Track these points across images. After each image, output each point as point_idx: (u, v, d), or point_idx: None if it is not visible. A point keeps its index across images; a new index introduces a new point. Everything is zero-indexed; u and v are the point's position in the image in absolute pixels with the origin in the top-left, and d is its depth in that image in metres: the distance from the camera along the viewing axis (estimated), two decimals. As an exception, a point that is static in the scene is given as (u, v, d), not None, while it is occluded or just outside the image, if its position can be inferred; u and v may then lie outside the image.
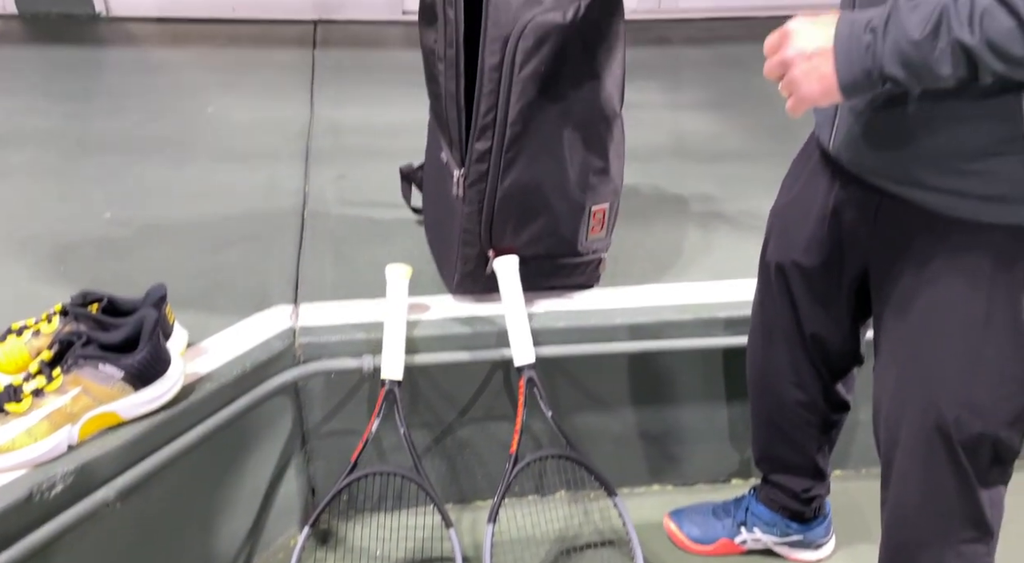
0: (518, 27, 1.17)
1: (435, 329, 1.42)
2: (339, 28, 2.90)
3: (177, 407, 1.19)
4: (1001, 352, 0.93)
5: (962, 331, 0.94)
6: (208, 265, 1.54)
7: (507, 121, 1.23)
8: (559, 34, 1.18)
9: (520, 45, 1.18)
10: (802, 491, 1.38)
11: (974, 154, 0.86)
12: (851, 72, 0.79)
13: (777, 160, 2.08)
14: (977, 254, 0.91)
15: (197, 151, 1.99)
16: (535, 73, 1.19)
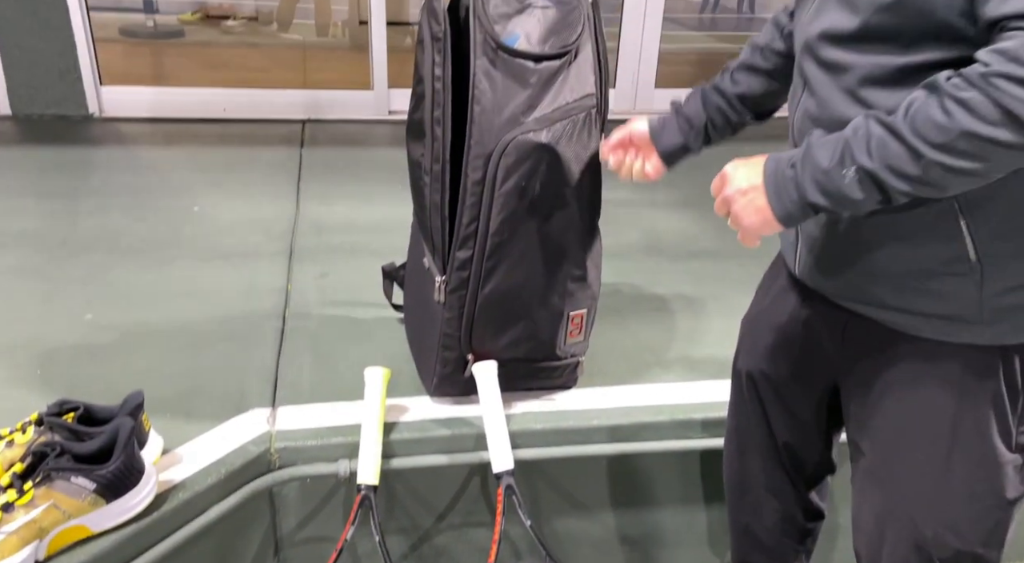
0: (500, 145, 1.23)
1: (413, 432, 1.42)
2: (327, 127, 3.01)
3: (149, 518, 1.17)
4: (969, 471, 0.94)
5: (932, 450, 0.95)
6: (187, 367, 1.55)
7: (488, 232, 1.28)
8: (539, 152, 1.25)
9: (502, 162, 1.24)
10: None
11: (926, 274, 0.89)
12: (781, 203, 0.86)
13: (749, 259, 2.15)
14: (942, 373, 0.92)
15: (181, 251, 2.02)
16: (516, 188, 1.25)
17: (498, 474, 1.34)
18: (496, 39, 1.22)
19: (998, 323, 0.88)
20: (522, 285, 1.34)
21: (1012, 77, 0.67)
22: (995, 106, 0.69)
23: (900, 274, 0.91)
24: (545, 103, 1.24)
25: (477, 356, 1.41)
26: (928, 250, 0.88)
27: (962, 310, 0.88)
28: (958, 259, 0.87)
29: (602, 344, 1.69)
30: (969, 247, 0.86)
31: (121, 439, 1.13)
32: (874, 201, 0.81)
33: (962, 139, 0.72)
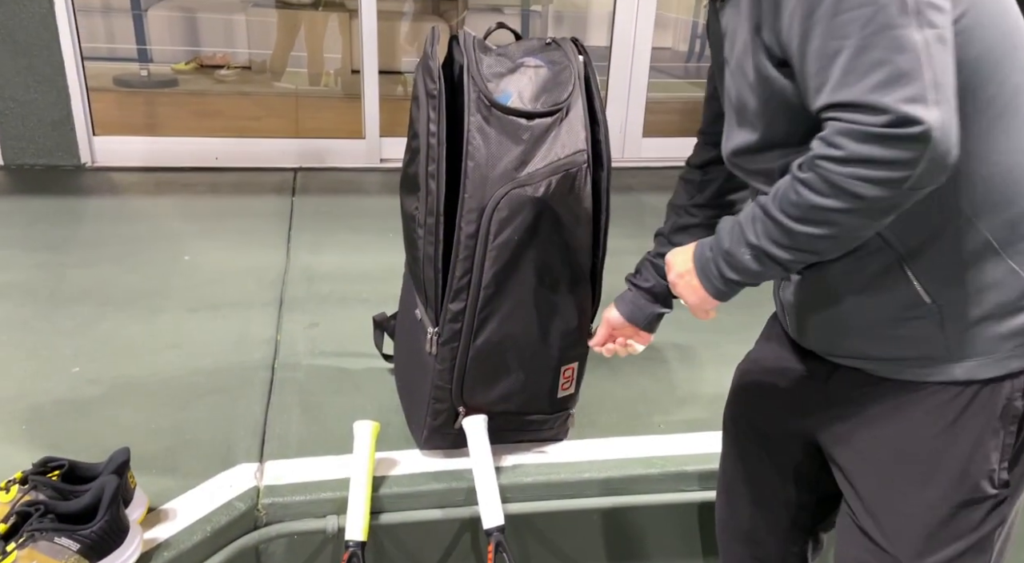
0: (493, 200, 1.25)
1: (402, 487, 1.40)
2: (318, 175, 3.03)
3: (132, 580, 1.15)
4: (951, 510, 0.96)
5: (914, 488, 0.97)
6: (174, 422, 1.53)
7: (481, 284, 1.29)
8: (532, 206, 1.27)
9: (495, 216, 1.26)
10: None
11: (892, 322, 0.94)
12: (709, 282, 0.98)
13: (738, 308, 2.15)
14: (923, 411, 0.95)
15: (171, 301, 2.02)
16: (508, 241, 1.27)
17: (488, 531, 1.32)
18: (489, 97, 1.25)
19: (967, 360, 0.92)
20: (514, 338, 1.35)
21: (829, 157, 0.81)
22: (823, 182, 0.82)
23: (871, 325, 0.95)
24: (537, 159, 1.26)
25: (468, 409, 1.40)
26: (887, 299, 0.93)
27: (931, 351, 0.92)
28: (915, 305, 0.92)
29: (594, 394, 1.69)
30: (921, 292, 0.91)
31: (106, 498, 1.11)
32: (773, 271, 0.92)
33: (811, 211, 0.84)
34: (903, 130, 0.76)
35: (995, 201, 0.87)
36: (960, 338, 0.91)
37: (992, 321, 0.90)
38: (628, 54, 3.28)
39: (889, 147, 0.77)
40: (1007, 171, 0.86)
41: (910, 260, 0.90)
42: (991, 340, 0.90)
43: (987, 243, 0.88)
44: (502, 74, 1.28)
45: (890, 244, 0.90)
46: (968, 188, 0.86)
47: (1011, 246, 0.88)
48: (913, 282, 0.90)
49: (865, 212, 0.82)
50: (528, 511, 1.43)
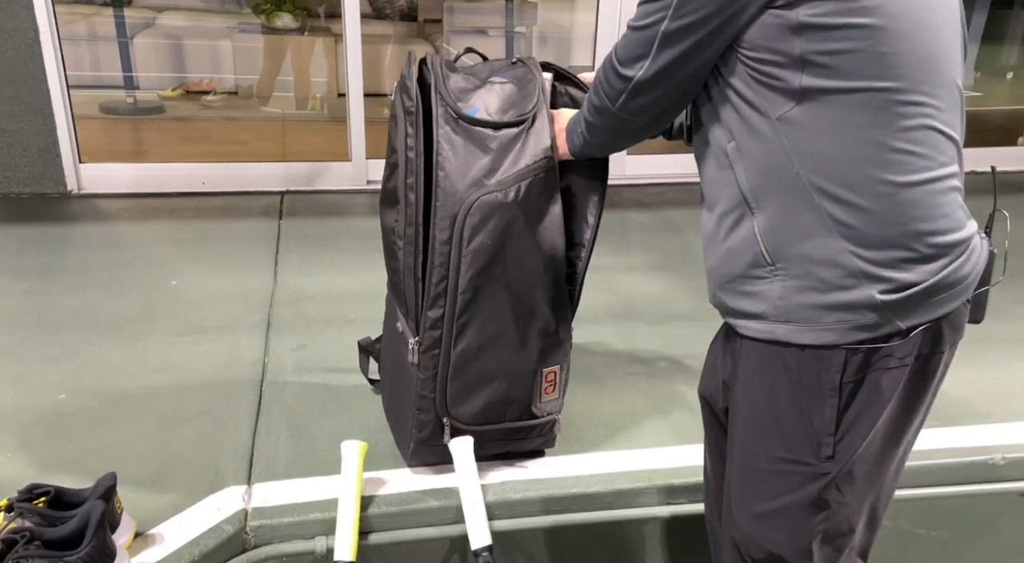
0: (465, 206, 1.29)
1: (391, 506, 1.41)
2: (306, 198, 3.05)
3: (119, 605, 1.14)
4: (778, 474, 1.03)
5: (748, 449, 1.05)
6: (161, 445, 1.53)
7: (458, 290, 1.32)
8: (503, 210, 1.30)
9: (467, 221, 1.29)
10: None
11: (742, 278, 1.03)
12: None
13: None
14: (757, 368, 1.03)
15: (158, 326, 2.02)
16: (482, 246, 1.30)
17: (476, 551, 1.33)
18: (456, 110, 1.31)
19: (790, 323, 0.99)
20: (494, 342, 1.37)
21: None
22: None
23: (727, 278, 1.05)
24: (506, 166, 1.31)
25: (453, 419, 1.41)
26: (739, 254, 1.02)
27: (765, 310, 1.01)
28: (759, 263, 1.00)
29: (580, 409, 1.70)
30: (764, 252, 0.99)
31: (92, 524, 1.11)
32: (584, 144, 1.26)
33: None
34: None
35: (839, 182, 0.93)
36: (787, 301, 0.98)
37: (817, 292, 0.96)
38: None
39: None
40: (858, 159, 0.92)
41: (759, 218, 0.98)
42: (813, 309, 0.97)
43: (823, 218, 0.94)
44: (469, 90, 1.34)
45: (745, 200, 0.99)
46: (812, 159, 0.93)
47: (848, 228, 0.94)
48: (759, 240, 0.99)
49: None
50: (516, 528, 1.43)
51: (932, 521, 1.58)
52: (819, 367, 0.98)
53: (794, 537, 1.05)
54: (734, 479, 1.10)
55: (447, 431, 1.43)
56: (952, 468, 1.20)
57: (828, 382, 0.98)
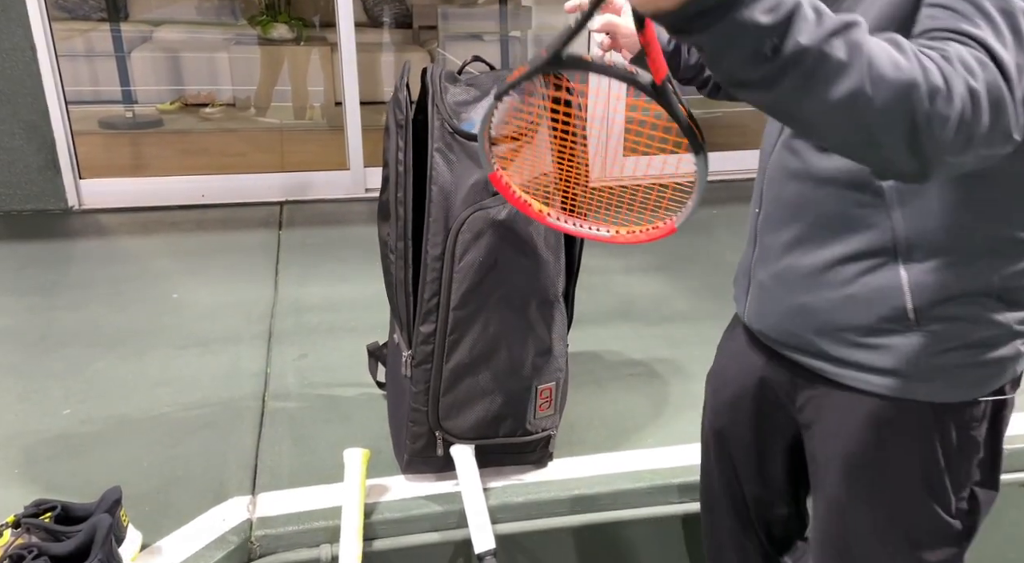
0: (458, 222, 1.29)
1: (394, 512, 1.42)
2: (305, 208, 3.07)
3: (126, 618, 1.16)
4: (908, 535, 0.96)
5: (875, 511, 0.96)
6: (166, 458, 1.55)
7: (450, 306, 1.33)
8: (496, 228, 1.30)
9: (460, 238, 1.29)
10: None
11: (867, 330, 0.91)
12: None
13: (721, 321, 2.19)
14: (891, 431, 0.93)
15: (160, 339, 2.04)
16: (473, 262, 1.31)
17: (480, 555, 1.34)
18: (452, 124, 1.30)
19: (933, 382, 0.90)
20: (487, 358, 1.37)
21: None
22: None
23: (842, 328, 0.93)
24: None
25: (445, 432, 1.42)
26: (868, 303, 0.90)
27: (903, 366, 0.90)
28: (898, 317, 0.89)
29: (581, 413, 1.71)
30: (908, 306, 0.88)
31: (98, 538, 1.12)
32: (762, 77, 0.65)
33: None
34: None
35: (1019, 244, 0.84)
36: (929, 360, 0.89)
37: (966, 350, 0.89)
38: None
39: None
40: None
41: (911, 270, 0.87)
42: (961, 368, 0.89)
43: (990, 280, 0.85)
44: (468, 103, 1.33)
45: (895, 247, 0.86)
46: (1002, 210, 0.83)
47: (1012, 292, 0.87)
48: (905, 294, 0.87)
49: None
50: (519, 531, 1.44)
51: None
52: (962, 420, 0.91)
53: None
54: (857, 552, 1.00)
55: (440, 444, 1.44)
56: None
57: (973, 436, 0.92)
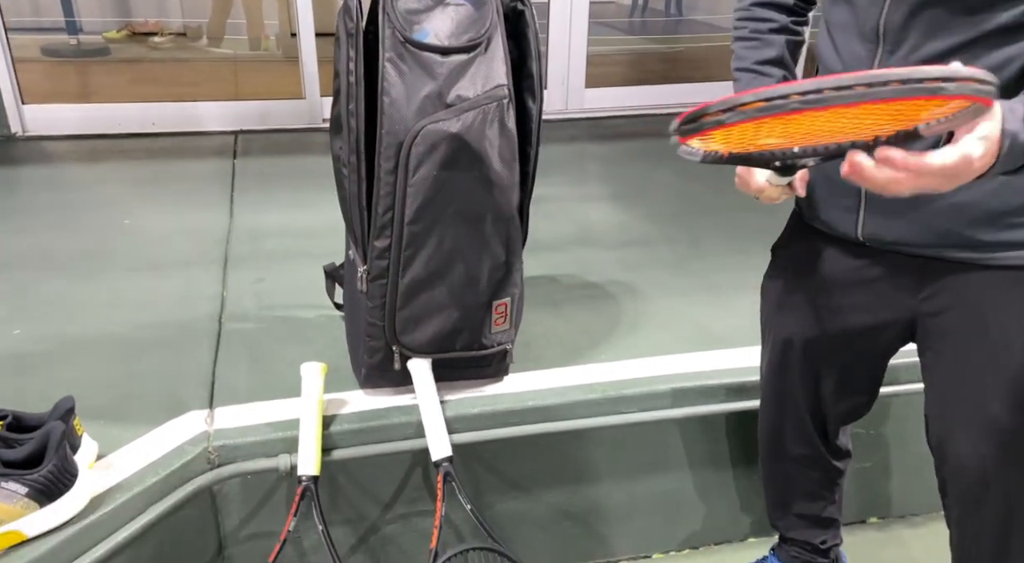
0: (411, 134, 1.28)
1: (352, 423, 1.44)
2: (260, 137, 3.00)
3: (85, 520, 1.17)
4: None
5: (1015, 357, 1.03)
6: (120, 375, 1.54)
7: (404, 220, 1.32)
8: (450, 141, 1.29)
9: (413, 150, 1.28)
10: (820, 543, 1.45)
11: (1020, 209, 0.98)
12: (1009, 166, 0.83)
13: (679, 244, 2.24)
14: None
15: (112, 263, 2.00)
16: (427, 176, 1.29)
17: (436, 462, 1.37)
18: (404, 34, 1.28)
19: None
20: (442, 273, 1.38)
21: None
22: None
23: (999, 214, 0.97)
24: (454, 94, 1.28)
25: (402, 346, 1.43)
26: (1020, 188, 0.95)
27: None
28: None
29: (537, 331, 1.74)
30: None
31: (52, 443, 1.12)
32: None
33: None
34: None
35: None
36: None
37: None
38: (567, 7, 3.28)
39: None
40: None
41: None
42: None
43: None
44: (420, 11, 1.30)
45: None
46: None
47: None
48: None
49: None
50: (475, 440, 1.48)
51: (871, 421, 1.67)
52: None
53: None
54: (993, 386, 1.05)
55: (397, 358, 1.45)
56: (891, 369, 1.26)
57: None
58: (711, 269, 2.06)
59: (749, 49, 1.15)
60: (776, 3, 1.15)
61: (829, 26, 1.07)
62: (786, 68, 1.15)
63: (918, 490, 1.78)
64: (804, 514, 1.44)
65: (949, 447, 1.14)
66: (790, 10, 1.15)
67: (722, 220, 2.34)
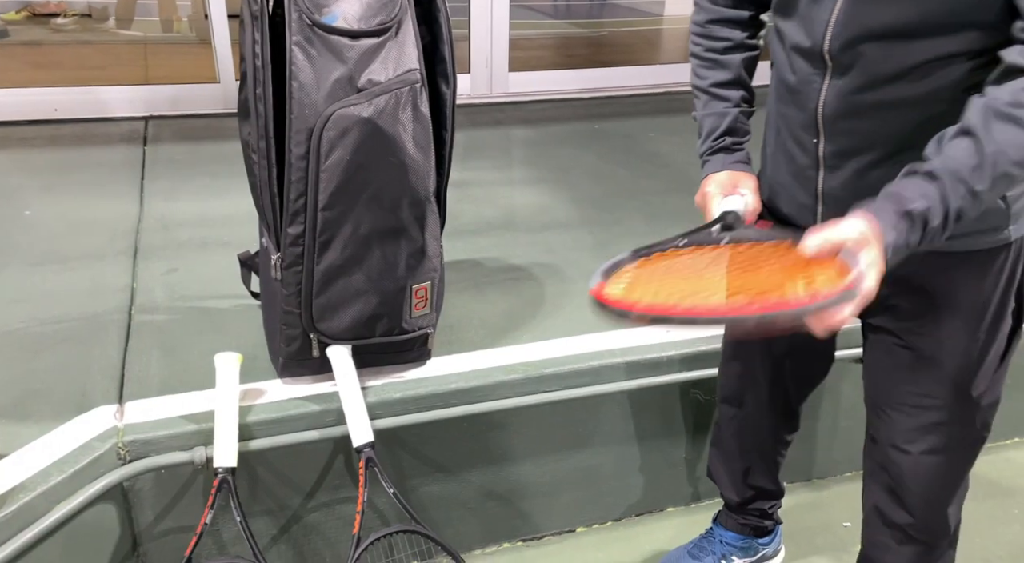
0: (321, 119, 1.25)
1: (270, 413, 1.42)
2: (172, 123, 2.89)
3: (-17, 524, 1.12)
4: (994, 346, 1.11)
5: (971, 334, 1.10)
6: (22, 372, 1.48)
7: (317, 206, 1.30)
8: (362, 125, 1.28)
9: (324, 135, 1.26)
10: (768, 508, 1.52)
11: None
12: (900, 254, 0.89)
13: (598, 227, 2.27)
14: (982, 271, 1.06)
15: (12, 257, 1.91)
16: (340, 161, 1.28)
17: (358, 448, 1.36)
18: (311, 17, 1.25)
19: (1015, 223, 1.04)
20: (359, 259, 1.37)
21: None
22: None
23: None
24: (364, 79, 1.27)
25: (320, 333, 1.42)
26: None
27: (997, 222, 1.03)
28: None
29: (460, 315, 1.74)
30: None
31: (-57, 444, 1.07)
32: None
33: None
34: None
35: None
36: (1016, 208, 1.03)
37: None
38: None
39: None
40: None
41: None
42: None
43: None
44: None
45: None
46: None
47: None
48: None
49: None
50: (397, 425, 1.48)
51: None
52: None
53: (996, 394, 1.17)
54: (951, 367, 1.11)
55: (315, 346, 1.43)
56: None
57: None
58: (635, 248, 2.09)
59: (706, 69, 1.18)
60: (731, 19, 1.17)
61: (781, 36, 1.09)
62: (743, 86, 1.19)
63: (823, 455, 1.87)
64: (758, 485, 1.49)
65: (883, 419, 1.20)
66: (745, 24, 1.18)
67: (644, 203, 2.39)
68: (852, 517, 1.71)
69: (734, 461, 1.49)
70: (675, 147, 2.90)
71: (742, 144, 1.20)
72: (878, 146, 1.02)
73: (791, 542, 1.67)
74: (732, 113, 1.18)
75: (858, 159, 1.04)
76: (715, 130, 1.18)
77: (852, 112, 1.01)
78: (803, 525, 1.74)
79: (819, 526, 1.76)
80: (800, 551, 1.68)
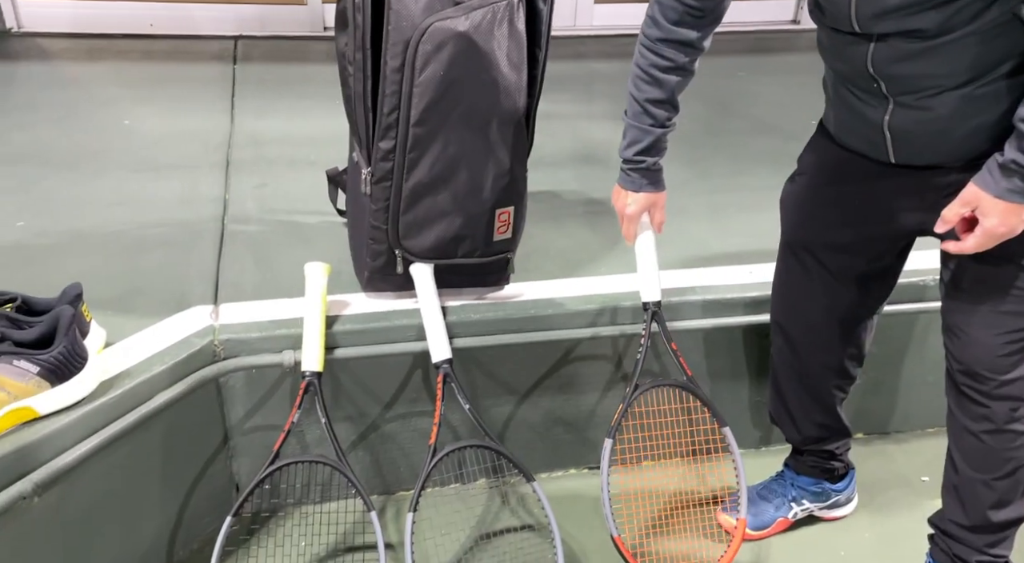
0: (418, 32, 1.25)
1: (355, 324, 1.47)
2: (261, 44, 2.94)
3: (95, 402, 1.21)
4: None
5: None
6: (125, 269, 1.56)
7: (409, 121, 1.31)
8: (458, 40, 1.27)
9: (420, 49, 1.26)
10: (836, 449, 1.52)
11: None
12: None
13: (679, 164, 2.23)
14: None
15: (113, 162, 1.99)
16: (434, 76, 1.28)
17: (437, 363, 1.41)
18: None
19: None
20: (447, 178, 1.38)
21: None
22: None
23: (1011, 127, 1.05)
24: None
25: (405, 250, 1.44)
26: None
27: None
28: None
29: (538, 245, 1.75)
30: None
31: (62, 325, 1.15)
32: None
33: None
34: None
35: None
36: None
37: None
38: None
39: None
40: None
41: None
42: None
43: None
44: None
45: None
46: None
47: None
48: None
49: None
50: (474, 345, 1.51)
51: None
52: None
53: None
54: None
55: (400, 262, 1.46)
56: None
57: None
58: (713, 189, 2.06)
59: (645, 83, 1.30)
60: (680, 41, 1.25)
61: (819, 13, 1.15)
62: (672, 105, 1.32)
63: (903, 408, 1.84)
64: (824, 423, 1.48)
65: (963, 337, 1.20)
66: (691, 48, 1.26)
67: (726, 142, 2.33)
68: (932, 472, 1.68)
69: (788, 395, 1.48)
70: (764, 87, 2.80)
71: (659, 164, 1.37)
72: (937, 81, 1.07)
73: (864, 492, 1.65)
74: (656, 133, 1.33)
75: (918, 94, 1.09)
76: (637, 143, 1.35)
77: (902, 58, 1.07)
78: (878, 477, 1.73)
79: (895, 479, 1.74)
80: (874, 502, 1.66)
